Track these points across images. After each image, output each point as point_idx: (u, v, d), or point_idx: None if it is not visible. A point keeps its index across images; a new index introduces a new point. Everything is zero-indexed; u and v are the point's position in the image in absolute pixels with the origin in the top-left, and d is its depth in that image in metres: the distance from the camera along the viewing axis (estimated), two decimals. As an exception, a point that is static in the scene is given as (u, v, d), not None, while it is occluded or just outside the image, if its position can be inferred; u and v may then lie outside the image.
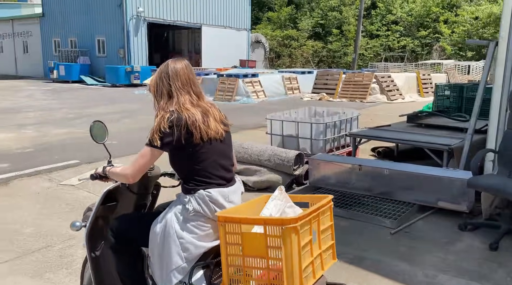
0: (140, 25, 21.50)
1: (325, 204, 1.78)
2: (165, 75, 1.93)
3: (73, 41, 24.14)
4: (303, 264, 1.57)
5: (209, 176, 1.84)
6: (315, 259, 1.68)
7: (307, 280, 1.60)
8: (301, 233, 1.56)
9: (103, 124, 2.26)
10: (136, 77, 19.89)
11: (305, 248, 1.60)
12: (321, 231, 1.73)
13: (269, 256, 1.56)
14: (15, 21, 28.29)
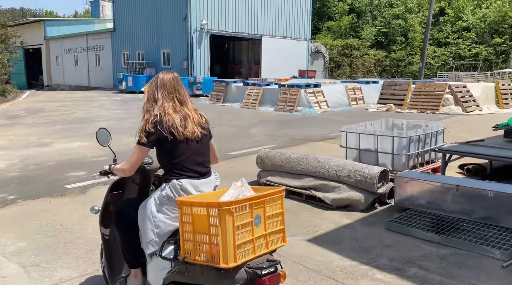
0: (203, 37, 22.07)
1: (271, 194, 2.03)
2: (155, 85, 2.31)
3: (141, 53, 25.36)
4: (239, 241, 1.86)
5: (183, 169, 2.23)
6: (258, 238, 1.96)
7: (244, 255, 1.89)
8: (237, 215, 1.85)
9: (106, 130, 2.70)
10: (198, 88, 20.35)
11: (244, 228, 1.89)
12: (267, 216, 2.01)
13: (210, 233, 1.89)
14: (89, 36, 30.42)
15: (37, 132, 9.85)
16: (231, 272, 1.86)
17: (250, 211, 1.93)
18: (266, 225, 2.02)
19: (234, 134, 9.84)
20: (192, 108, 2.34)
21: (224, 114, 13.92)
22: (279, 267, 1.96)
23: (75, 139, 9.03)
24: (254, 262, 1.92)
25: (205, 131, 2.36)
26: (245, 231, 1.91)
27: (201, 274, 1.95)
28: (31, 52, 36.68)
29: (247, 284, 1.86)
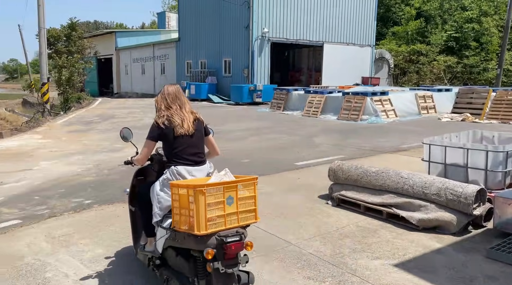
0: (264, 45, 22.11)
1: (243, 181, 2.51)
2: (162, 94, 2.95)
3: (203, 62, 26.03)
4: (211, 215, 2.33)
5: (180, 158, 2.80)
6: (230, 214, 2.41)
7: (216, 226, 2.36)
8: (209, 195, 2.33)
9: (129, 129, 3.27)
10: (259, 95, 20.35)
11: (216, 205, 2.36)
12: (239, 198, 2.45)
13: (189, 208, 2.37)
14: (156, 46, 31.89)
15: (109, 138, 10.28)
16: (204, 239, 2.35)
17: (223, 193, 2.40)
18: (238, 205, 2.48)
19: (297, 143, 9.55)
20: (189, 111, 2.96)
21: (285, 122, 13.69)
22: (244, 237, 2.42)
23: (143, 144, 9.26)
24: (226, 232, 2.38)
25: (197, 128, 2.95)
26: (217, 207, 2.39)
27: (184, 239, 2.48)
28: (103, 61, 39.29)
29: (217, 248, 2.34)
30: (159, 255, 2.82)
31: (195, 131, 2.91)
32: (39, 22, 15.05)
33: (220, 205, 2.40)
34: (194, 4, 26.53)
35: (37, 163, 7.25)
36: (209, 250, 2.33)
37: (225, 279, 2.38)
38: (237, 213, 2.48)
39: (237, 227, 2.46)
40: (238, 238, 2.38)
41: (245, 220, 2.51)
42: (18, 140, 9.68)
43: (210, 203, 2.35)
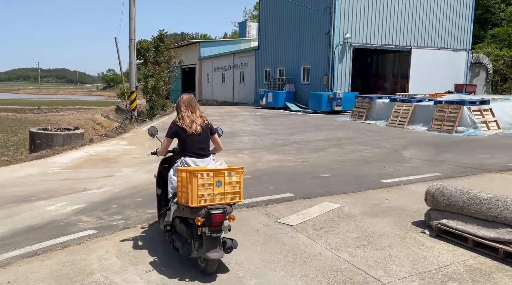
0: (346, 51, 21.20)
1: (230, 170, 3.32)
2: (178, 101, 3.80)
3: (281, 70, 25.86)
4: (201, 192, 3.15)
5: (188, 151, 3.64)
6: (218, 194, 3.23)
7: (205, 201, 3.17)
8: (201, 178, 3.16)
9: (155, 127, 4.05)
10: (338, 104, 19.51)
11: (206, 186, 3.18)
12: (226, 182, 3.25)
13: (187, 187, 3.19)
14: (236, 55, 32.59)
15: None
16: (196, 210, 3.14)
17: (212, 177, 3.18)
18: (225, 187, 3.22)
19: (382, 157, 8.70)
20: (198, 116, 3.72)
21: (368, 132, 12.76)
22: (227, 211, 3.17)
23: (220, 154, 9.12)
24: (213, 206, 3.14)
25: (204, 129, 3.69)
26: (207, 188, 3.16)
27: (184, 210, 3.27)
28: (187, 71, 41.31)
29: (205, 218, 3.11)
30: (170, 223, 3.63)
31: (202, 132, 3.70)
32: (130, 34, 16.04)
33: (210, 186, 3.21)
34: (275, 12, 26.55)
35: (119, 169, 7.45)
36: (199, 218, 3.14)
37: (212, 241, 3.18)
38: (224, 193, 3.26)
39: (224, 203, 3.25)
40: (221, 211, 3.17)
41: (230, 199, 3.31)
42: (106, 146, 10.21)
43: (202, 184, 3.17)
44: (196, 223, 3.12)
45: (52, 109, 37.54)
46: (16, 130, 19.30)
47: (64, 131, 10.09)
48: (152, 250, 3.82)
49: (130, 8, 15.91)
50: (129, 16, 15.94)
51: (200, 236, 3.21)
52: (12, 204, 5.09)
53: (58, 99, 57.30)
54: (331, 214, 4.93)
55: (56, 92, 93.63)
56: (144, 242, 4.01)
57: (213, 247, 3.16)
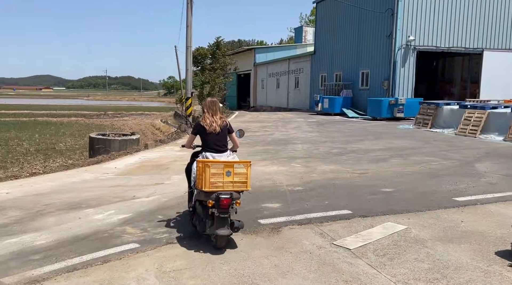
0: (409, 54, 19.94)
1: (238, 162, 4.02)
2: (203, 104, 4.55)
3: (338, 75, 25.00)
4: (212, 179, 3.79)
5: (208, 147, 4.28)
6: (227, 182, 3.85)
7: (216, 187, 3.81)
8: (212, 168, 3.81)
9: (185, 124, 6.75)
10: (400, 110, 18.34)
11: (218, 175, 3.82)
12: (235, 173, 3.88)
13: (202, 175, 3.83)
14: (291, 60, 32.19)
15: (239, 152, 10.13)
16: (208, 194, 3.85)
17: (223, 168, 3.87)
18: (234, 177, 3.91)
19: (452, 170, 7.79)
20: (218, 117, 4.39)
21: (434, 142, 11.70)
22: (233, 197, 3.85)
23: (272, 162, 8.78)
24: (223, 192, 3.83)
25: (222, 129, 4.36)
26: (219, 176, 3.86)
27: (199, 194, 4.00)
28: (242, 77, 41.64)
29: (215, 201, 3.80)
30: (192, 206, 4.27)
31: (220, 131, 4.31)
32: (186, 41, 16.26)
33: (221, 175, 3.84)
34: (332, 16, 25.83)
35: (170, 176, 7.33)
36: (210, 200, 3.80)
37: (220, 221, 3.80)
38: (233, 182, 3.89)
39: (232, 190, 3.87)
40: (229, 196, 3.79)
41: (238, 187, 3.92)
42: (160, 151, 10.25)
43: (213, 173, 3.82)
44: (208, 205, 3.85)
45: (117, 114, 39.57)
46: (83, 135, 20.38)
47: (121, 137, 10.29)
48: (193, 272, 3.50)
49: (187, 16, 16.14)
50: (186, 24, 16.17)
51: (212, 216, 3.89)
52: (62, 211, 5.07)
53: (123, 105, 60.50)
54: (396, 237, 4.33)
55: (121, 99, 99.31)
56: (186, 261, 3.70)
57: (221, 226, 3.83)
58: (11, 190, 6.05)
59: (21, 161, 11.69)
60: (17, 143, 15.53)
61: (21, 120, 27.60)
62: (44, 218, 4.80)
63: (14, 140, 16.19)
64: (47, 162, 11.34)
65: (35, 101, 69.27)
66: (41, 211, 5.06)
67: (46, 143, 15.61)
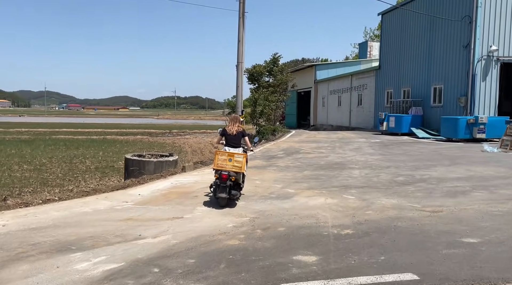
0: (491, 67, 17.32)
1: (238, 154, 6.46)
2: (228, 118, 8.25)
3: (406, 91, 22.73)
4: (219, 162, 6.38)
5: (227, 144, 6.78)
6: (229, 165, 6.33)
7: (222, 167, 6.33)
8: (220, 155, 6.45)
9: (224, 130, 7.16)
10: (481, 130, 15.79)
11: (223, 160, 6.38)
12: (234, 160, 6.35)
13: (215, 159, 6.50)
14: (354, 76, 30.30)
15: (284, 178, 8.84)
16: (217, 170, 6.32)
17: (227, 156, 6.37)
18: (234, 162, 6.32)
19: None
20: (236, 126, 6.89)
21: (529, 171, 9.41)
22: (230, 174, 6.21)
23: (320, 192, 7.36)
24: (224, 170, 6.25)
25: (237, 133, 6.79)
26: (223, 160, 6.34)
27: (214, 171, 6.46)
28: (302, 95, 40.34)
29: (219, 175, 6.21)
30: (214, 181, 6.38)
31: (236, 134, 6.79)
32: (238, 57, 15.51)
33: (225, 160, 6.31)
34: (399, 27, 23.77)
35: (194, 208, 6.25)
36: (216, 174, 6.27)
37: (221, 188, 6.15)
38: (233, 165, 6.30)
39: (231, 170, 6.25)
40: (227, 173, 6.17)
41: (235, 169, 6.29)
42: (196, 175, 9.30)
43: (220, 158, 6.35)
44: (215, 177, 6.31)
45: (181, 133, 40.37)
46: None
47: (157, 158, 9.52)
48: None
49: (239, 30, 15.42)
50: (237, 39, 15.44)
51: (218, 185, 6.22)
52: (44, 256, 4.16)
53: (188, 124, 62.13)
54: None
55: (188, 117, 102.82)
56: None
57: (222, 191, 6.16)
58: (11, 221, 5.34)
59: (78, 178, 11.53)
60: (81, 160, 15.67)
61: (92, 138, 28.80)
62: (16, 265, 3.90)
63: (79, 158, 16.40)
64: (103, 179, 11.24)
65: (111, 120, 73.98)
66: (21, 254, 4.19)
67: (107, 161, 15.56)
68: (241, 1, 15.16)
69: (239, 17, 15.31)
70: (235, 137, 6.74)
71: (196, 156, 22.24)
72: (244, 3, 15.19)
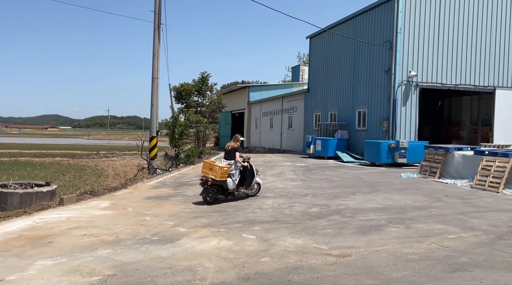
0: (411, 92, 17.61)
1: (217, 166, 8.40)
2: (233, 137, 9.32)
3: (333, 114, 22.68)
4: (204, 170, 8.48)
5: (224, 156, 8.81)
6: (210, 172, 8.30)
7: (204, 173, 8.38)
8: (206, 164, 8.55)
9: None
10: (402, 155, 15.73)
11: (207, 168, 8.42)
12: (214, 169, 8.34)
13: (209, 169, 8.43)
14: (285, 98, 30.09)
15: (184, 212, 7.49)
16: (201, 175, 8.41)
17: (209, 165, 8.39)
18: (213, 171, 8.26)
19: (480, 252, 5.08)
20: (232, 143, 8.78)
21: (445, 199, 9.00)
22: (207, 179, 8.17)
23: (217, 231, 6.11)
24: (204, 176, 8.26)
25: (231, 148, 8.65)
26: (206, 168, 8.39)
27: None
28: (237, 116, 39.59)
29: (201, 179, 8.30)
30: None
31: (230, 149, 8.58)
32: (153, 72, 14.09)
33: (207, 169, 8.29)
34: (326, 49, 23.93)
35: (33, 262, 4.65)
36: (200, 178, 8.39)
37: (203, 190, 8.24)
38: (211, 173, 8.15)
39: (209, 176, 8.14)
40: (205, 178, 8.11)
41: (213, 176, 8.13)
42: (75, 210, 7.61)
43: (205, 166, 8.43)
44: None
45: (109, 154, 37.45)
46: (57, 177, 18.03)
47: (26, 189, 7.69)
48: None
49: (154, 43, 14.07)
50: (152, 52, 14.06)
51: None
52: None
53: (120, 145, 58.21)
54: None
55: (122, 138, 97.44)
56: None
57: (202, 193, 8.23)
58: None
59: None
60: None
61: (0, 160, 25.39)
62: None
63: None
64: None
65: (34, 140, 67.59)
66: None
67: None
68: (157, 12, 13.89)
69: (154, 29, 13.98)
70: (229, 152, 8.58)
71: (117, 180, 20.05)
72: (160, 15, 13.93)
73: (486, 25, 18.32)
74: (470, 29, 18.17)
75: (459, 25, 18.03)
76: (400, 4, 17.17)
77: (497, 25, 18.43)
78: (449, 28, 17.91)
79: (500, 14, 18.46)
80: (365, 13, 19.66)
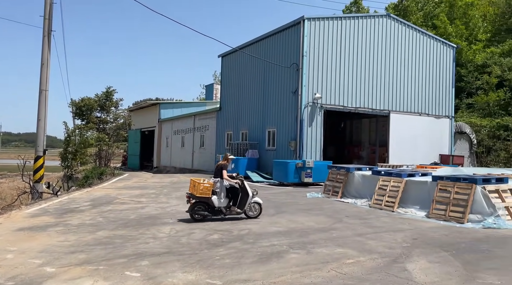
0: (316, 113, 18.28)
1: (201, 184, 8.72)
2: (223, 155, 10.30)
3: (244, 133, 22.63)
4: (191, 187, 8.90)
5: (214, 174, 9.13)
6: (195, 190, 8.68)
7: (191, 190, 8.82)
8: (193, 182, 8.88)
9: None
10: (308, 174, 16.05)
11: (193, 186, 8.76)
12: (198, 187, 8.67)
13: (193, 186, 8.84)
14: (197, 117, 29.43)
15: (59, 246, 6.36)
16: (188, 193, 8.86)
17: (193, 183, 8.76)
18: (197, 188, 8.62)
19: (376, 278, 4.94)
20: (220, 162, 9.13)
21: (346, 219, 9.11)
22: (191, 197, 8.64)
23: (95, 269, 5.17)
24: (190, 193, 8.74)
25: (218, 167, 8.96)
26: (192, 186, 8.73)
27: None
28: (147, 134, 37.67)
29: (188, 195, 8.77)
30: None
31: (218, 168, 8.89)
32: (41, 83, 12.47)
33: (193, 186, 8.65)
34: (237, 69, 24.00)
35: None
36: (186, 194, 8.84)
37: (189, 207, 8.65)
38: (196, 190, 8.54)
39: (193, 193, 8.60)
40: (189, 195, 8.62)
41: (196, 193, 8.54)
42: None
43: (191, 184, 8.74)
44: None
45: (-2, 175, 32.76)
46: None
47: None
48: None
49: (44, 51, 12.53)
50: (41, 61, 12.48)
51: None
52: None
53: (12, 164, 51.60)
54: None
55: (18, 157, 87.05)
56: None
57: (188, 210, 8.58)
58: None
59: None
60: None
61: None
62: None
63: None
64: None
65: None
66: None
67: None
68: (47, 17, 12.42)
69: (43, 35, 12.45)
70: (217, 169, 8.88)
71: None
72: (51, 20, 12.47)
73: (382, 54, 19.96)
74: (368, 57, 19.62)
75: (358, 52, 19.36)
76: (305, 28, 17.88)
77: (391, 55, 20.20)
78: (350, 55, 19.12)
79: (394, 47, 20.29)
80: (275, 35, 20.15)
